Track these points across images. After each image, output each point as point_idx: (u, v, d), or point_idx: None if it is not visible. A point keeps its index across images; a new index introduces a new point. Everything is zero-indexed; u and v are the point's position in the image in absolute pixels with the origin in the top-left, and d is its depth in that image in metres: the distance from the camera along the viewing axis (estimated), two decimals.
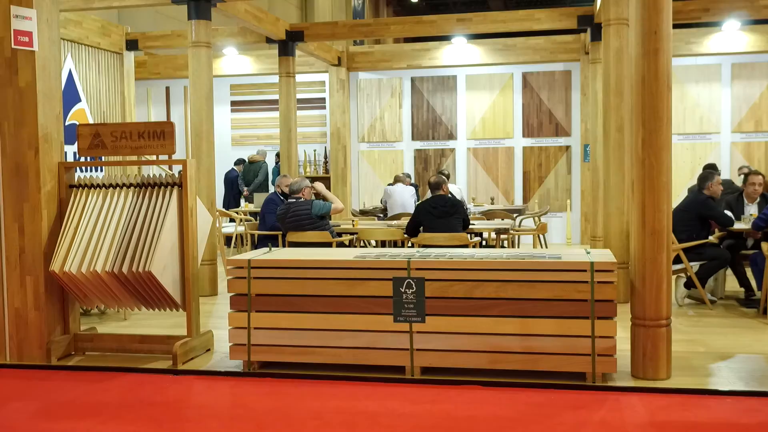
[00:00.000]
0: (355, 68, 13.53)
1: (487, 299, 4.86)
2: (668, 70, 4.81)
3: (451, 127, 13.33)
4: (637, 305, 4.90)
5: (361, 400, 4.66)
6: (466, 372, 4.96)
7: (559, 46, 12.68)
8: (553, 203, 12.93)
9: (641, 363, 4.87)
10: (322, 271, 5.11)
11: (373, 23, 12.51)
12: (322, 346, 5.11)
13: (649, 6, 4.77)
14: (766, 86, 12.24)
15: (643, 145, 4.82)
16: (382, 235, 8.26)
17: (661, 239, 4.82)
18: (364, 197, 13.62)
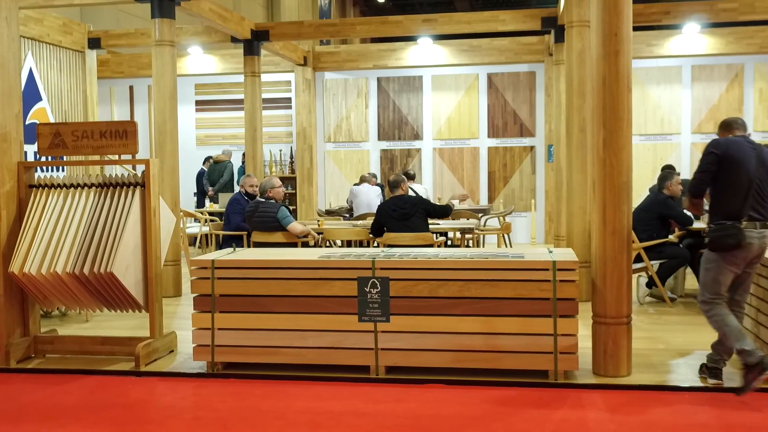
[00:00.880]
0: (321, 68, 13.51)
1: (451, 298, 4.90)
2: (628, 72, 4.88)
3: (417, 128, 13.37)
4: (599, 303, 4.97)
5: (326, 399, 4.66)
6: (431, 371, 4.99)
7: (524, 48, 12.80)
8: (518, 203, 13.04)
9: (602, 360, 4.95)
10: (286, 271, 5.10)
11: (339, 23, 12.52)
12: (286, 347, 5.10)
13: (609, 8, 4.84)
14: (725, 88, 12.48)
15: (604, 146, 4.89)
16: (348, 235, 8.26)
17: (621, 238, 4.89)
18: (330, 197, 13.61)
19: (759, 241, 4.59)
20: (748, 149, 4.65)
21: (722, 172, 4.62)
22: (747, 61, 12.43)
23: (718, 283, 4.69)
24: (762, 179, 4.62)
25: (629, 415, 4.30)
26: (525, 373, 4.89)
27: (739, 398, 4.48)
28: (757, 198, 4.60)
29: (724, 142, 4.73)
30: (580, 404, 4.50)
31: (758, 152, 4.67)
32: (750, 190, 4.59)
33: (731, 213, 4.60)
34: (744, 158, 4.60)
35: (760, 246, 4.61)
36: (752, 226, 4.57)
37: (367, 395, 4.71)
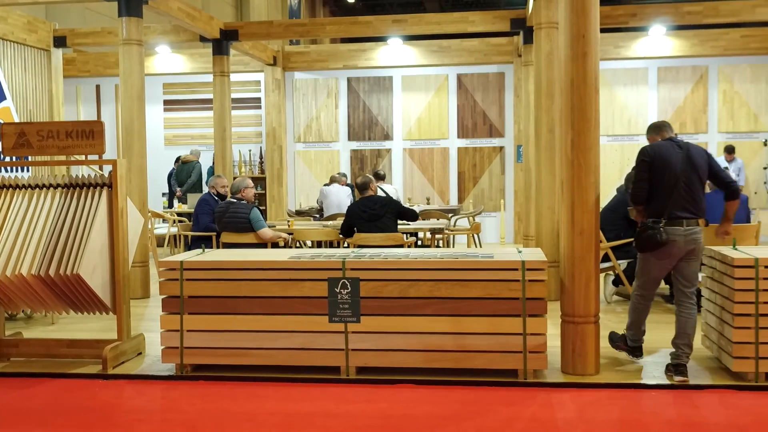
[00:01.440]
0: (291, 68, 13.47)
1: (422, 299, 4.91)
2: (596, 73, 4.94)
3: (387, 128, 13.39)
4: (567, 303, 5.01)
5: (296, 401, 4.65)
6: (401, 371, 5.00)
7: (493, 49, 12.88)
8: (488, 203, 13.12)
9: (571, 359, 4.99)
10: (256, 272, 5.07)
11: (309, 23, 12.49)
12: (256, 348, 5.08)
13: (577, 10, 4.89)
14: (690, 89, 12.68)
15: (572, 146, 4.94)
16: (318, 235, 8.24)
17: (589, 238, 4.94)
18: (300, 197, 13.57)
19: (685, 238, 4.84)
20: (675, 151, 4.94)
21: (650, 175, 4.92)
22: (711, 63, 12.64)
23: (648, 278, 5.08)
24: (690, 178, 4.89)
25: (597, 413, 4.35)
26: (495, 373, 4.92)
27: (701, 394, 4.56)
28: (684, 197, 4.87)
29: (652, 148, 5.01)
30: (549, 403, 4.54)
31: (685, 152, 4.94)
32: (675, 191, 4.85)
33: (657, 213, 4.89)
34: (670, 160, 4.89)
35: (686, 242, 4.86)
36: (678, 224, 4.83)
37: (338, 396, 4.71)
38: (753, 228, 6.64)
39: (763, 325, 4.69)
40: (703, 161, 5.00)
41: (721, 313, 4.96)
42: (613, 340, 5.43)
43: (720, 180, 5.19)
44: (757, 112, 12.60)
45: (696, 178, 4.93)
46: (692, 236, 4.88)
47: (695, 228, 4.89)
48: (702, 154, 5.04)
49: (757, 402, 4.47)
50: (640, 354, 5.28)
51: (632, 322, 5.25)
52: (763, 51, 12.41)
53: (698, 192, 4.94)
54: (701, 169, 4.97)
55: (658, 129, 5.19)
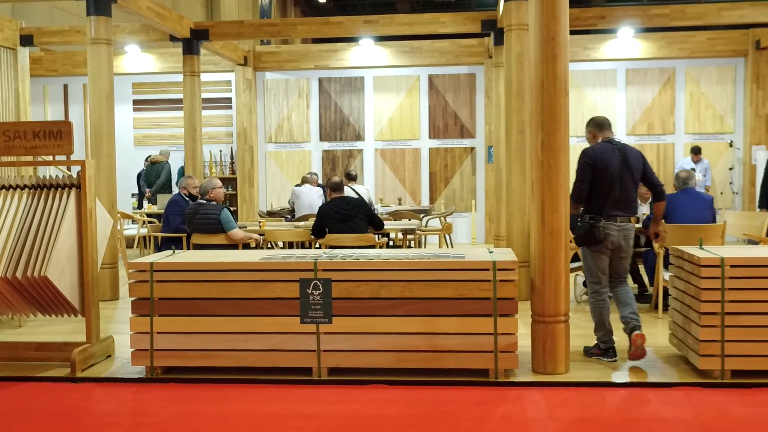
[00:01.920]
0: (262, 68, 13.42)
1: (393, 299, 4.92)
2: (566, 75, 4.98)
3: (359, 128, 13.39)
4: (537, 302, 5.06)
5: (268, 402, 4.63)
6: (373, 371, 5.01)
7: (464, 50, 12.94)
8: (459, 203, 13.18)
9: (541, 358, 5.04)
10: (227, 274, 5.05)
11: (280, 23, 12.44)
12: (227, 350, 5.05)
13: (547, 13, 4.93)
14: (657, 91, 12.85)
15: (542, 147, 4.98)
16: (290, 236, 8.22)
17: (559, 238, 4.99)
18: (272, 198, 13.52)
19: (619, 233, 5.27)
20: (614, 154, 5.31)
21: (592, 176, 5.27)
22: (678, 65, 12.82)
23: (595, 269, 5.37)
24: (625, 180, 5.28)
25: (567, 412, 4.40)
26: (466, 372, 4.94)
27: (669, 392, 4.63)
28: (620, 197, 5.26)
29: (593, 150, 5.35)
30: (520, 402, 4.58)
31: (622, 155, 5.32)
32: (612, 191, 5.24)
33: (595, 211, 5.27)
34: (610, 163, 5.26)
35: (620, 237, 5.28)
36: (613, 221, 5.25)
37: (310, 397, 4.70)
38: (719, 228, 6.75)
39: (728, 324, 4.77)
40: (638, 164, 5.38)
41: (687, 311, 5.04)
42: (587, 352, 5.50)
43: (650, 182, 5.51)
44: (722, 114, 12.81)
45: (630, 179, 5.32)
46: (625, 232, 5.30)
47: (628, 225, 5.32)
48: (637, 156, 5.42)
49: (722, 399, 4.54)
50: (614, 354, 5.34)
51: (597, 323, 5.41)
52: (729, 53, 12.63)
53: (632, 192, 5.35)
54: (636, 171, 5.35)
55: (599, 127, 5.52)
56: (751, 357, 4.80)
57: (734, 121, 12.80)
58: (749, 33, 12.55)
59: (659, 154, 12.90)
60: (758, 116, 12.58)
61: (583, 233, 5.25)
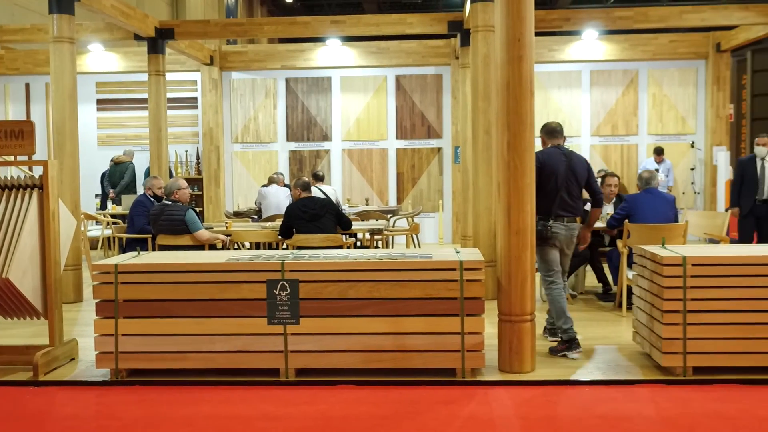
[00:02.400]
0: (228, 68, 13.33)
1: (361, 299, 4.92)
2: (531, 76, 5.03)
3: (326, 128, 13.37)
4: (504, 302, 5.10)
5: (235, 404, 4.61)
6: (341, 372, 5.01)
7: (431, 50, 13.00)
8: (426, 204, 13.22)
9: (508, 357, 5.08)
10: (193, 275, 5.01)
11: (246, 23, 12.36)
12: (194, 351, 5.01)
13: (513, 14, 4.98)
14: (621, 92, 13.03)
15: (508, 148, 5.02)
16: (256, 237, 8.17)
17: (525, 238, 5.04)
18: (238, 199, 13.44)
19: (566, 232, 5.68)
20: (561, 159, 5.70)
21: (539, 179, 5.50)
22: (641, 67, 13.02)
23: (547, 262, 5.73)
24: (570, 184, 5.69)
25: (533, 410, 4.44)
26: (433, 372, 4.97)
27: (633, 389, 4.70)
28: (566, 199, 5.66)
29: (543, 154, 5.73)
30: (487, 401, 4.61)
31: (568, 160, 5.71)
32: (558, 194, 5.64)
33: (543, 211, 5.63)
34: (556, 168, 5.65)
35: (567, 236, 5.70)
36: (560, 221, 5.65)
37: (278, 398, 4.69)
38: (681, 227, 6.86)
39: (690, 322, 4.86)
40: (582, 169, 5.79)
41: (651, 310, 5.12)
42: (553, 352, 5.58)
43: (592, 189, 5.93)
44: (684, 115, 13.03)
45: (575, 183, 5.73)
46: (572, 231, 5.74)
47: (573, 224, 5.74)
48: (582, 163, 5.83)
49: (685, 396, 4.62)
50: (578, 346, 5.47)
51: (557, 312, 5.62)
52: (690, 56, 12.86)
53: (577, 195, 5.76)
54: (581, 177, 5.76)
55: (550, 134, 5.88)
56: (713, 354, 4.89)
57: (695, 122, 13.03)
58: (710, 36, 12.79)
59: (623, 155, 13.08)
60: (719, 118, 12.82)
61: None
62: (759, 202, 8.50)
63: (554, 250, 5.71)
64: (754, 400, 4.50)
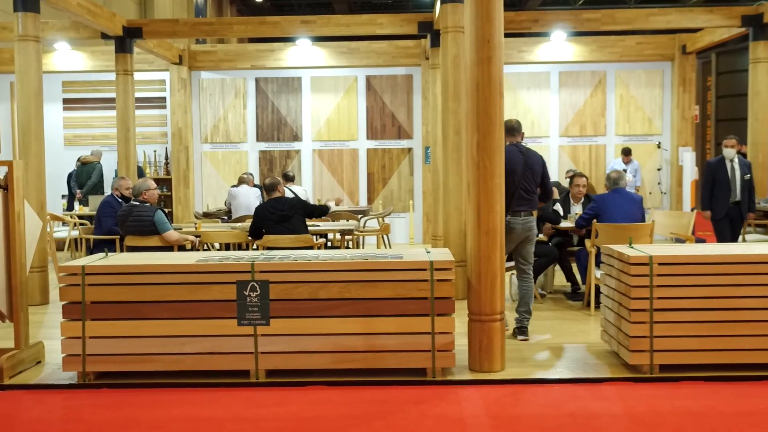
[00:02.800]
0: (197, 67, 13.23)
1: (332, 300, 4.92)
2: (500, 77, 5.07)
3: (296, 129, 13.33)
4: (474, 301, 5.13)
5: (205, 406, 4.58)
6: (312, 373, 5.00)
7: (401, 51, 13.02)
8: (397, 204, 13.25)
9: (478, 356, 5.11)
10: (162, 276, 4.97)
11: (215, 22, 12.30)
12: (163, 353, 4.97)
13: (482, 16, 5.01)
14: (589, 93, 13.17)
15: (478, 148, 5.05)
16: (226, 237, 8.13)
17: (494, 238, 5.07)
18: (208, 199, 13.34)
19: (522, 226, 6.03)
20: (519, 157, 6.02)
21: None
22: (609, 69, 13.17)
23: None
24: (527, 180, 6.03)
25: (503, 409, 4.47)
26: (404, 372, 4.98)
27: (601, 387, 4.76)
28: (523, 195, 6.01)
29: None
30: (457, 400, 4.63)
31: (526, 158, 6.03)
32: (517, 190, 5.97)
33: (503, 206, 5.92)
34: (515, 166, 5.95)
35: (524, 229, 6.05)
36: (517, 215, 6.00)
37: (248, 400, 4.67)
38: (648, 227, 6.96)
39: (657, 320, 4.93)
40: (538, 166, 6.11)
41: (618, 309, 5.18)
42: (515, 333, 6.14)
43: (543, 185, 6.21)
44: (651, 116, 13.20)
45: (531, 180, 6.06)
46: (528, 224, 6.06)
47: (530, 218, 6.06)
48: (538, 160, 6.13)
49: (652, 393, 4.69)
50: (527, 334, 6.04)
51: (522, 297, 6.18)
52: (657, 57, 13.03)
53: (533, 190, 6.09)
54: (536, 173, 6.09)
55: (510, 131, 6.09)
56: (679, 352, 4.96)
57: (662, 123, 13.21)
58: (676, 38, 12.97)
59: (591, 155, 13.22)
60: (684, 119, 13.01)
61: None
62: (732, 204, 8.53)
63: (511, 244, 6.04)
64: (720, 397, 4.58)
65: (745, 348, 4.95)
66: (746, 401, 4.50)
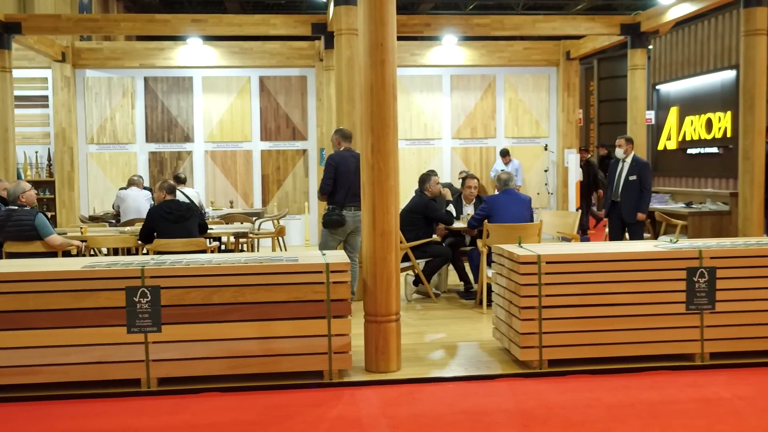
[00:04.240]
0: (82, 65, 12.72)
1: (226, 304, 4.84)
2: (394, 80, 5.12)
3: (188, 129, 13.03)
4: (370, 303, 5.16)
5: (95, 417, 4.41)
6: (206, 379, 4.90)
7: (295, 52, 12.95)
8: (292, 206, 13.16)
9: (374, 357, 5.15)
10: (46, 284, 4.74)
11: (101, 19, 11.84)
12: (47, 365, 4.75)
13: (375, 19, 5.04)
14: (479, 97, 13.51)
15: (372, 150, 5.09)
16: (114, 242, 7.85)
17: (390, 239, 5.12)
18: (94, 202, 12.84)
19: (353, 218, 7.21)
20: (351, 161, 7.09)
21: (336, 176, 7.18)
22: (498, 73, 13.55)
23: (330, 245, 7.28)
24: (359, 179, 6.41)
25: (400, 408, 4.52)
26: (301, 375, 4.96)
27: (493, 384, 4.90)
28: (353, 192, 6.98)
29: (338, 155, 7.29)
30: (354, 401, 4.65)
31: (356, 161, 6.66)
32: (349, 189, 7.11)
33: (337, 203, 7.24)
34: (348, 167, 7.12)
35: (353, 222, 7.22)
36: (348, 209, 7.21)
37: (139, 409, 4.52)
38: (536, 227, 7.20)
39: (545, 317, 5.11)
40: None
41: (509, 306, 5.34)
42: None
43: None
44: (538, 119, 13.67)
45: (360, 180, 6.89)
46: (357, 217, 7.10)
47: (359, 212, 6.78)
48: None
49: (541, 387, 4.86)
50: None
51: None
52: (543, 63, 13.52)
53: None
54: None
55: (344, 138, 7.40)
56: (565, 347, 5.16)
57: (548, 126, 13.71)
58: (560, 44, 13.50)
59: (482, 157, 13.56)
60: (569, 122, 13.55)
61: (329, 219, 7.24)
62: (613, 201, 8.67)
63: (336, 237, 7.27)
64: (603, 389, 4.80)
65: (625, 341, 5.21)
66: (627, 392, 4.73)
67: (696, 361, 5.26)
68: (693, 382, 4.92)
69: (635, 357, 5.26)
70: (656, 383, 4.91)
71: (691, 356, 5.28)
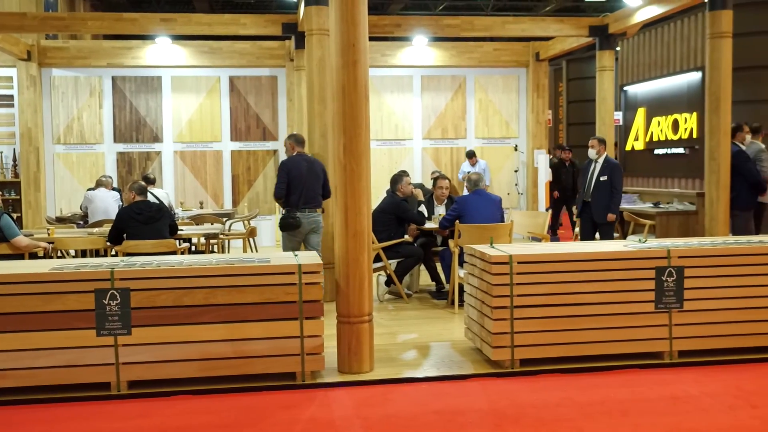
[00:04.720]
0: (48, 64, 12.54)
1: (197, 306, 4.80)
2: (366, 81, 5.12)
3: (157, 129, 12.91)
4: (342, 303, 5.16)
5: (64, 422, 4.34)
6: (177, 382, 4.85)
7: (266, 52, 12.89)
8: (263, 206, 13.10)
9: (347, 358, 5.14)
10: (12, 287, 4.66)
11: (67, 17, 11.68)
12: (14, 369, 4.67)
13: (347, 20, 5.04)
14: (450, 97, 13.56)
15: (344, 151, 5.08)
16: (83, 244, 7.75)
17: (362, 240, 5.12)
18: (61, 203, 12.66)
19: (308, 219, 7.43)
20: (304, 165, 7.41)
21: (289, 180, 7.36)
22: (468, 74, 13.61)
23: (291, 247, 7.45)
24: (311, 183, 7.40)
25: (373, 409, 4.52)
26: (274, 377, 4.94)
27: (465, 384, 4.92)
28: (308, 195, 7.39)
29: (290, 161, 7.47)
30: (327, 402, 4.64)
31: (310, 165, 7.39)
32: (303, 191, 7.37)
33: (291, 205, 7.41)
34: (300, 171, 7.40)
35: (309, 223, 7.43)
36: (302, 212, 7.41)
37: (109, 413, 4.47)
38: (507, 227, 7.24)
39: (517, 317, 5.14)
40: (321, 172, 7.47)
41: (481, 306, 5.36)
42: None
43: (324, 187, 7.47)
44: (508, 120, 13.76)
45: (316, 183, 7.43)
46: (312, 218, 7.45)
47: (315, 213, 7.45)
48: (321, 166, 7.48)
49: (513, 387, 4.89)
50: None
51: None
52: (513, 64, 13.61)
53: (317, 192, 7.46)
54: (318, 178, 7.45)
55: (298, 143, 7.61)
56: (537, 346, 5.20)
57: (518, 126, 13.80)
58: (530, 45, 13.60)
59: (453, 157, 13.61)
60: (538, 123, 13.66)
61: (285, 222, 7.40)
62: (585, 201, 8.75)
63: (294, 239, 7.44)
64: (575, 388, 4.84)
65: (595, 340, 5.26)
66: (597, 390, 4.78)
67: (665, 359, 5.34)
68: (662, 380, 4.99)
69: (606, 356, 5.31)
70: (626, 381, 4.97)
71: (660, 354, 5.35)
